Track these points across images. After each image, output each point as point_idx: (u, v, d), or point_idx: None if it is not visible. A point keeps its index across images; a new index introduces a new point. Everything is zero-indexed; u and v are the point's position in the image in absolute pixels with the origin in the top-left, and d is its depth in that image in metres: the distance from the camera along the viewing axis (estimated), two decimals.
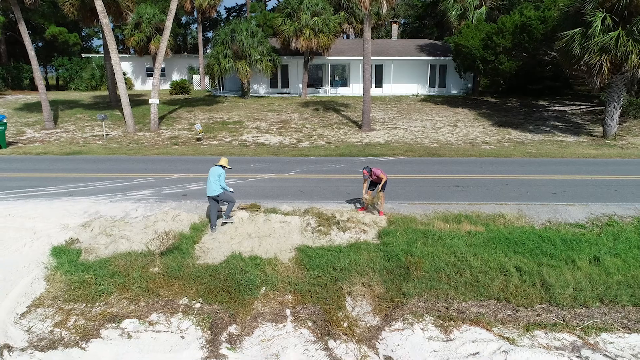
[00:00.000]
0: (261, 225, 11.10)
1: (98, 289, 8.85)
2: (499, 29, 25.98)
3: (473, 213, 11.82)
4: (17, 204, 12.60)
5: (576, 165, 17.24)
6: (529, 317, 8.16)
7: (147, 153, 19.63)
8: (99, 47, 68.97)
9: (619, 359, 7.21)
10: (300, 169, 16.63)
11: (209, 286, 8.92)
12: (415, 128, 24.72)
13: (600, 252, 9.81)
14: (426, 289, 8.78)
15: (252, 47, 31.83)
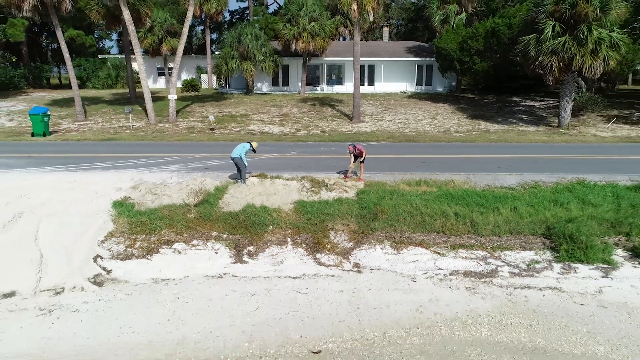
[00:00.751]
0: (268, 187, 14.45)
1: (152, 226, 12.21)
2: (473, 34, 29.38)
3: (431, 180, 15.16)
4: (77, 174, 15.96)
5: (527, 149, 20.59)
6: (457, 241, 11.54)
7: (170, 140, 23.00)
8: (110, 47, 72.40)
9: (511, 264, 10.60)
10: (298, 151, 19.98)
11: (232, 224, 12.28)
12: (399, 120, 28.09)
13: (519, 204, 13.14)
14: (387, 226, 12.14)
15: (256, 49, 35.19)
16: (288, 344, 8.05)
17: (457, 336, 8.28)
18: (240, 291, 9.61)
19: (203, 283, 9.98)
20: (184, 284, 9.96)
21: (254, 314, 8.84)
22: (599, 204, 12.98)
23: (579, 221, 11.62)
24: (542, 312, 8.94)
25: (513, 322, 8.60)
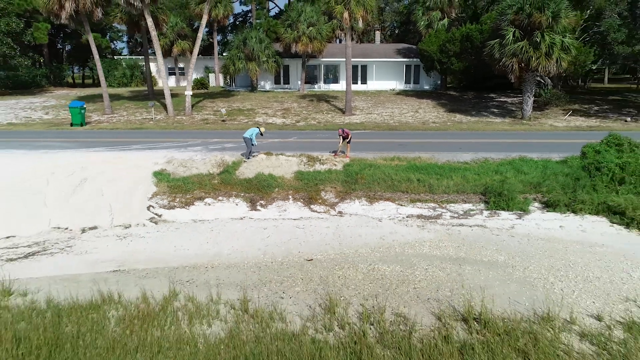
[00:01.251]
0: (274, 161, 18.14)
1: (186, 187, 15.92)
2: (451, 38, 33.06)
3: (403, 157, 18.84)
4: (119, 153, 19.65)
5: (489, 135, 24.27)
6: (416, 197, 15.24)
7: (188, 129, 26.68)
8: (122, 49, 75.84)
9: (453, 211, 14.30)
10: (297, 137, 23.66)
11: (246, 187, 15.98)
12: (385, 113, 31.77)
13: (468, 173, 16.83)
14: (365, 188, 15.84)
15: (260, 51, 38.85)
16: (290, 256, 11.73)
17: (406, 252, 11.96)
18: (256, 226, 13.32)
19: (229, 222, 13.69)
20: (215, 223, 13.67)
21: (266, 239, 12.54)
22: (529, 172, 16.67)
23: (508, 183, 15.32)
24: (468, 239, 12.63)
25: (446, 245, 12.29)
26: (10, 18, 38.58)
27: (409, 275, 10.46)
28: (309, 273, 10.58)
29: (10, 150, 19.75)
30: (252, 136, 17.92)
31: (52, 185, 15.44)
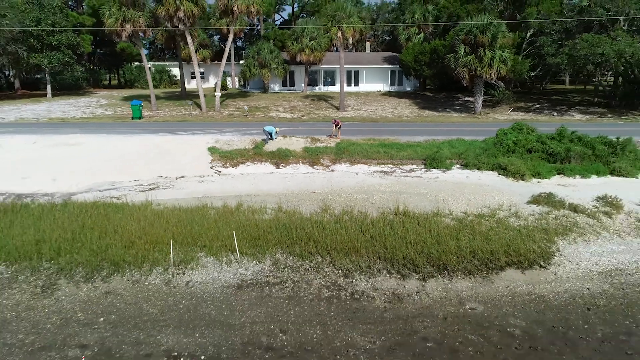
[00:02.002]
0: (288, 140, 25.77)
1: (232, 156, 23.54)
2: (423, 50, 40.63)
3: (376, 138, 26.46)
4: (178, 136, 27.27)
5: (444, 125, 31.85)
6: (381, 161, 22.86)
7: (220, 121, 34.27)
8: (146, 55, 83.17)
9: (403, 169, 21.95)
10: (303, 127, 31.26)
11: (271, 156, 23.59)
12: (371, 110, 39.38)
13: (418, 148, 24.41)
14: (348, 156, 23.45)
15: (271, 59, 46.40)
16: (301, 191, 19.31)
17: (370, 189, 19.52)
18: (280, 177, 20.96)
19: (262, 175, 21.33)
20: (254, 175, 21.31)
21: (287, 183, 20.14)
22: (458, 147, 24.28)
23: (439, 153, 22.94)
24: (408, 183, 20.23)
25: (394, 186, 19.87)
26: (69, 33, 46.17)
27: (369, 198, 18.07)
28: (313, 197, 18.20)
29: (105, 135, 27.47)
30: (272, 132, 25.50)
31: (149, 154, 23.16)
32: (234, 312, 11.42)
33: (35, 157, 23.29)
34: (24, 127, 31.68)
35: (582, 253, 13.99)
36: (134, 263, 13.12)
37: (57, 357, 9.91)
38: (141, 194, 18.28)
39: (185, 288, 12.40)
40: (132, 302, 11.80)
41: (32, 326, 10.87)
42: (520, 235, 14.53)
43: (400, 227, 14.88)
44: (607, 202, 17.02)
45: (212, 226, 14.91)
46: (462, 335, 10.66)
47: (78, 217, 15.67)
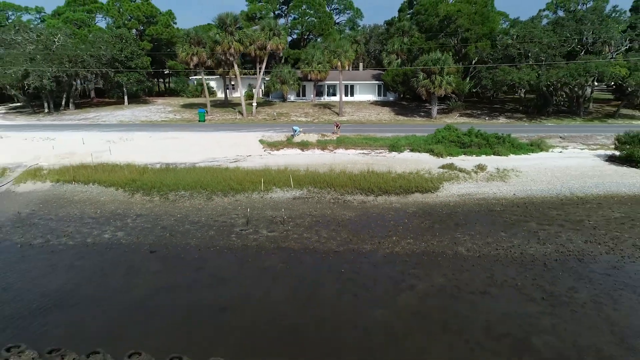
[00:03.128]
0: (306, 135, 39.58)
1: (275, 144, 37.39)
2: (398, 73, 54.29)
3: (362, 135, 40.24)
4: (234, 132, 41.13)
5: (410, 126, 45.56)
6: (364, 147, 36.65)
7: (258, 123, 48.02)
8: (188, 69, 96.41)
9: (377, 152, 35.80)
10: (315, 127, 45.02)
11: (297, 145, 37.37)
12: (361, 115, 53.11)
13: (387, 140, 38.21)
14: (344, 145, 37.24)
15: (289, 77, 60.04)
16: (317, 163, 32.99)
17: (356, 162, 33.33)
18: (304, 156, 34.71)
19: (294, 155, 35.09)
20: (289, 155, 35.06)
21: (308, 159, 33.86)
22: (412, 139, 38.07)
23: (398, 142, 36.73)
24: (378, 160, 34.03)
25: (369, 160, 33.67)
26: (143, 58, 59.93)
27: (354, 166, 31.75)
28: (324, 165, 32.00)
29: (189, 132, 41.40)
30: (297, 129, 39.35)
31: (226, 143, 37.10)
32: (292, 208, 25.24)
33: (158, 145, 37.20)
34: (130, 126, 45.61)
35: (453, 187, 27.87)
36: (243, 190, 26.99)
37: (219, 225, 23.71)
38: (231, 164, 32.17)
39: (269, 199, 26.25)
40: (246, 203, 25.63)
41: (202, 215, 24.71)
42: (426, 180, 28.40)
43: (367, 177, 28.79)
44: (479, 167, 30.89)
45: (274, 176, 28.76)
46: (388, 213, 24.49)
47: (204, 173, 29.57)
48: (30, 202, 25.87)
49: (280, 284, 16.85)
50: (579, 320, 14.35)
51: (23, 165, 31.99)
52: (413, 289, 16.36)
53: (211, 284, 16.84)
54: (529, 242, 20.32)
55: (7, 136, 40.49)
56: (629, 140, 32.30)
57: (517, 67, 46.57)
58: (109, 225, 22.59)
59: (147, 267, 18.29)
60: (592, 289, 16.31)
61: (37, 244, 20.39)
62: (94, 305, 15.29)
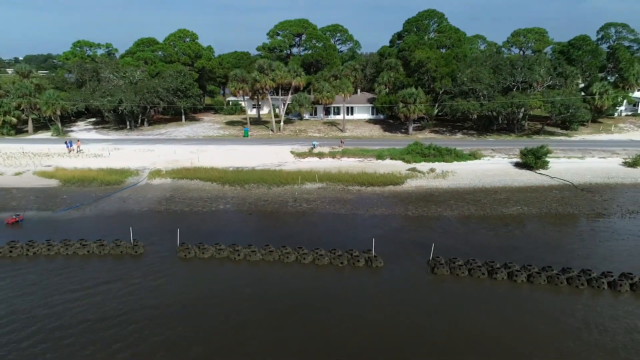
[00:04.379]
0: (322, 148, 55.66)
1: (301, 155, 53.46)
2: (385, 101, 70.23)
3: (359, 147, 56.28)
4: (271, 146, 57.24)
5: (392, 140, 61.51)
6: (359, 156, 52.80)
7: (286, 138, 64.03)
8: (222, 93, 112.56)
9: (368, 160, 51.93)
10: (326, 141, 61.01)
11: (316, 155, 53.44)
12: (359, 131, 69.14)
13: (375, 151, 54.27)
14: (347, 154, 53.32)
15: (305, 101, 76.01)
16: (330, 167, 48.96)
17: (354, 166, 49.35)
18: (320, 163, 50.59)
19: (315, 162, 51.01)
20: (312, 162, 51.03)
21: (323, 164, 49.82)
22: (392, 151, 54.09)
23: (382, 153, 52.75)
24: (368, 164, 49.99)
25: (362, 165, 49.60)
26: (196, 88, 75.95)
27: (353, 169, 47.86)
28: (334, 168, 48.01)
29: (240, 145, 57.60)
30: (315, 143, 55.48)
31: (270, 152, 53.21)
32: (318, 193, 41.23)
33: (225, 154, 53.24)
34: (197, 140, 61.74)
35: (413, 182, 43.94)
36: (288, 183, 43.03)
37: (279, 201, 39.80)
38: (276, 167, 48.28)
39: (304, 188, 42.24)
40: (291, 190, 41.65)
41: (268, 196, 40.77)
42: (397, 177, 44.49)
43: (361, 175, 44.90)
44: (431, 169, 46.99)
45: (305, 175, 44.80)
46: (373, 196, 40.52)
47: (261, 173, 45.65)
48: (165, 190, 42.02)
49: (319, 227, 32.98)
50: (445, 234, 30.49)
51: (147, 168, 48.12)
52: (382, 228, 32.45)
53: (284, 226, 33.02)
54: (445, 210, 36.45)
55: (121, 148, 56.72)
56: (526, 152, 48.29)
57: (467, 100, 62.55)
58: (217, 202, 38.74)
59: (250, 220, 34.52)
60: (467, 226, 32.51)
61: (189, 210, 36.58)
62: (234, 232, 31.43)
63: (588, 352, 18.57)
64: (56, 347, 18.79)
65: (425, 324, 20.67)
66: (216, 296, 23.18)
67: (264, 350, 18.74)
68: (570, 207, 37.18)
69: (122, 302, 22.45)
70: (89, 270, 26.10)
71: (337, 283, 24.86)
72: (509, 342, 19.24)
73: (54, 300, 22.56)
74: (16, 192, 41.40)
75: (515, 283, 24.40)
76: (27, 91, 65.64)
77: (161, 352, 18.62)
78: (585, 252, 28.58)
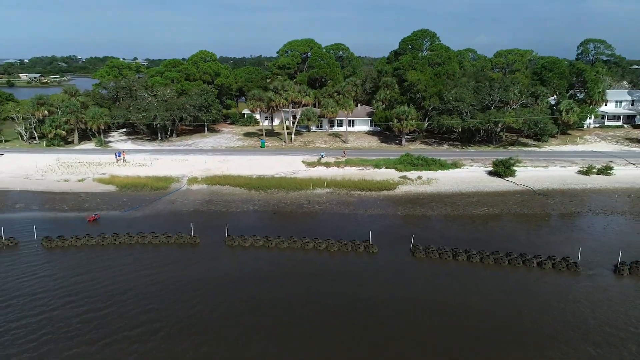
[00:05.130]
0: (329, 158, 64.41)
1: (311, 164, 62.18)
2: (382, 116, 78.90)
3: (361, 157, 64.99)
4: (285, 156, 66.01)
5: (388, 151, 70.17)
6: (359, 166, 61.55)
7: (296, 149, 72.73)
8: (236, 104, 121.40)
9: (366, 169, 60.66)
10: (332, 152, 69.76)
11: (323, 164, 62.20)
12: (359, 142, 77.86)
13: (373, 161, 62.97)
14: (349, 164, 62.06)
15: (312, 115, 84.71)
16: (336, 175, 57.74)
17: (355, 174, 58.05)
18: (328, 171, 59.40)
19: (323, 170, 59.80)
20: (320, 171, 59.77)
21: (331, 173, 58.58)
22: (387, 161, 62.81)
23: (379, 163, 61.47)
24: (367, 172, 58.68)
25: (362, 173, 58.32)
26: (218, 105, 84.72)
27: (354, 177, 56.59)
28: (339, 176, 56.71)
29: (260, 155, 66.43)
30: (323, 154, 64.21)
31: (285, 162, 61.95)
32: (326, 196, 49.94)
33: (247, 164, 61.96)
34: (222, 151, 70.55)
35: (403, 188, 52.62)
36: (302, 188, 51.76)
37: (296, 203, 48.55)
38: (291, 175, 57.04)
39: (315, 193, 50.92)
40: (305, 194, 50.34)
41: (287, 199, 49.53)
42: (390, 184, 53.22)
43: (361, 182, 53.66)
44: (418, 177, 55.76)
45: (315, 182, 53.51)
46: (370, 199, 49.21)
47: (279, 180, 54.39)
48: (204, 194, 50.78)
49: (328, 223, 41.74)
50: (425, 229, 39.22)
51: (185, 175, 56.90)
52: (377, 224, 41.14)
53: (302, 222, 41.77)
54: (427, 210, 45.16)
55: (160, 158, 65.54)
56: (497, 163, 56.93)
57: (452, 116, 71.24)
58: (247, 204, 47.52)
59: (275, 218, 43.31)
60: (443, 223, 41.26)
61: (226, 210, 45.34)
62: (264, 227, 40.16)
63: (514, 299, 27.36)
64: (152, 301, 27.66)
65: (406, 288, 29.48)
66: (258, 270, 32.02)
67: (297, 302, 27.55)
68: (526, 208, 45.87)
69: (190, 274, 31.34)
70: (163, 255, 34.96)
71: (343, 263, 33.65)
72: (462, 298, 28.01)
73: (147, 272, 31.47)
74: (85, 195, 50.23)
75: (471, 262, 33.12)
76: (75, 108, 74.51)
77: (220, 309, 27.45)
78: (528, 241, 37.29)
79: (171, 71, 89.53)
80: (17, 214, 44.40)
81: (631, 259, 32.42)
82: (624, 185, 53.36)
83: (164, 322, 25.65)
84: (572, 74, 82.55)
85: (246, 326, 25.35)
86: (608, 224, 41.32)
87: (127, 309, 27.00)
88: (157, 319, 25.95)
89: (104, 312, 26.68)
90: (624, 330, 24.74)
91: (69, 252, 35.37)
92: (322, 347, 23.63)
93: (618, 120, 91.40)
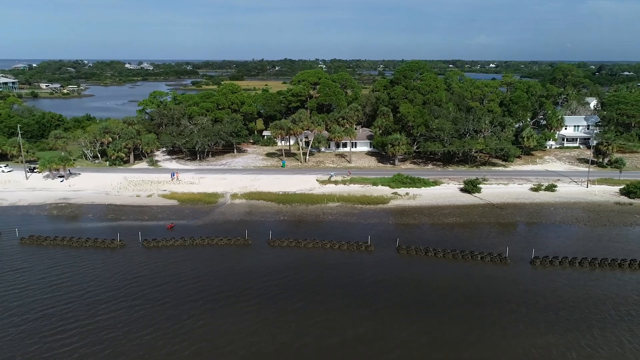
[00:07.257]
0: (337, 177, 77.81)
1: (323, 182, 75.67)
2: (379, 140, 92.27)
3: (362, 176, 78.31)
4: (302, 175, 79.51)
5: (384, 170, 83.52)
6: (361, 183, 74.99)
7: (310, 168, 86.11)
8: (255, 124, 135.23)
9: (365, 186, 74.11)
10: (339, 172, 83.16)
11: (332, 182, 75.61)
12: (360, 162, 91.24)
13: (372, 180, 76.36)
14: (353, 182, 75.53)
15: (322, 139, 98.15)
16: (343, 191, 71.11)
17: (357, 190, 71.37)
18: (337, 188, 72.82)
19: (333, 187, 73.20)
20: (331, 187, 73.17)
21: (338, 190, 71.90)
22: (383, 180, 76.13)
23: (376, 181, 74.79)
24: (367, 189, 71.99)
25: (363, 190, 71.67)
26: (244, 130, 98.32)
27: (357, 193, 69.94)
28: (345, 192, 70.04)
29: (283, 175, 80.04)
30: (332, 173, 77.64)
31: (301, 180, 75.42)
32: (337, 209, 63.29)
33: (273, 182, 75.34)
34: (251, 170, 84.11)
35: (394, 202, 66.01)
36: (318, 202, 65.17)
37: (315, 214, 61.97)
38: (308, 191, 70.51)
39: (329, 206, 64.33)
40: (320, 207, 63.72)
41: (308, 211, 62.91)
42: (384, 199, 66.63)
43: (362, 197, 67.10)
44: (406, 193, 69.18)
45: (328, 197, 66.88)
46: (369, 211, 62.55)
47: (300, 195, 67.84)
48: (244, 207, 64.28)
49: (338, 229, 55.23)
50: (409, 234, 52.68)
51: (227, 192, 70.44)
52: (374, 230, 54.49)
53: (319, 229, 55.26)
54: (411, 220, 58.55)
55: (205, 177, 79.16)
56: (467, 182, 70.21)
57: (434, 142, 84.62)
58: (278, 215, 61.01)
59: (299, 225, 56.86)
60: (421, 229, 54.73)
61: (262, 220, 58.87)
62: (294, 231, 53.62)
63: (462, 279, 40.81)
64: (221, 281, 41.31)
65: (393, 273, 42.95)
66: (292, 262, 45.57)
67: (318, 281, 41.07)
68: (484, 218, 59.19)
69: (244, 266, 44.88)
70: (226, 252, 48.55)
71: (350, 257, 47.15)
72: (430, 279, 41.47)
73: (218, 262, 45.14)
74: (156, 208, 63.86)
75: (438, 257, 46.52)
76: (132, 135, 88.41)
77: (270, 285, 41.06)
78: (479, 242, 50.60)
79: (205, 102, 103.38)
80: (110, 223, 58.03)
81: (544, 255, 45.74)
82: (563, 200, 66.55)
83: (230, 292, 39.22)
84: (533, 104, 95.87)
85: (287, 294, 38.80)
86: (539, 230, 54.59)
87: (209, 284, 40.59)
88: (226, 290, 39.60)
89: (197, 284, 40.33)
90: (518, 297, 38.17)
91: (162, 250, 48.92)
92: (338, 306, 37.07)
93: (575, 142, 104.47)
